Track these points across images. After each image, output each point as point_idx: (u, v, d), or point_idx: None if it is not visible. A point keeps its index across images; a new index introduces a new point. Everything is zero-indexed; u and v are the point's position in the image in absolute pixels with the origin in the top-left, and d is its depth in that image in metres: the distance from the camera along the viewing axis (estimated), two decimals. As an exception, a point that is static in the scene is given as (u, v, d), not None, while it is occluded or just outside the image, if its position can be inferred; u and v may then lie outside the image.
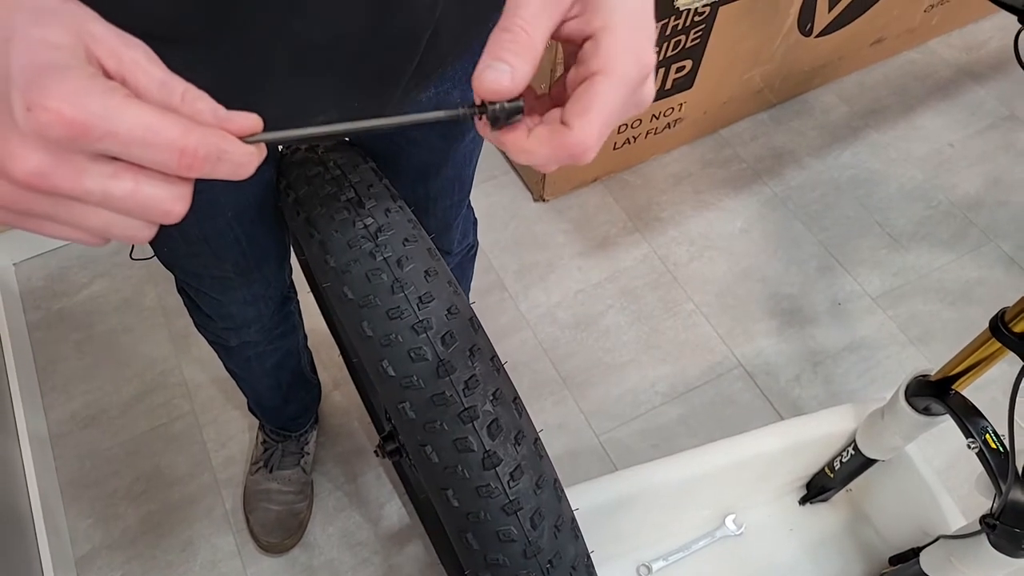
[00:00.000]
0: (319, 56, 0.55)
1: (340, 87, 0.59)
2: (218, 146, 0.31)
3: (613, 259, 1.66)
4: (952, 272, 1.64)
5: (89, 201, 0.31)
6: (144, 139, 0.29)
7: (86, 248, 1.64)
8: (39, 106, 0.28)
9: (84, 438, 1.42)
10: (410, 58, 0.59)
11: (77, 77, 0.29)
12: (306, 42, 0.54)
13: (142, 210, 0.31)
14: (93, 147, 0.29)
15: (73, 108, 0.28)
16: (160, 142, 0.30)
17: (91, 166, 0.30)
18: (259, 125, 0.34)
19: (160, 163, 0.30)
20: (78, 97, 0.28)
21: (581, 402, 1.47)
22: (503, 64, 0.34)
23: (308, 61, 0.55)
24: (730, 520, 1.26)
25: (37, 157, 0.29)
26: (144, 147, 0.30)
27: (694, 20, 1.44)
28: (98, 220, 0.31)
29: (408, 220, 0.69)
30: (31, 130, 0.28)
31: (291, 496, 1.31)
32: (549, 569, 0.62)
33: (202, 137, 0.30)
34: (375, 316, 0.63)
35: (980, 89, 1.95)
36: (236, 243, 0.78)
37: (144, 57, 0.32)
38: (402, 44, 0.59)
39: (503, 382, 0.64)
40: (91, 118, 0.28)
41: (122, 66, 0.31)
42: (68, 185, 0.30)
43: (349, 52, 0.56)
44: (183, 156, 0.30)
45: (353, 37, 0.55)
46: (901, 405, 1.00)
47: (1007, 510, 0.84)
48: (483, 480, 0.60)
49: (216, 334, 0.96)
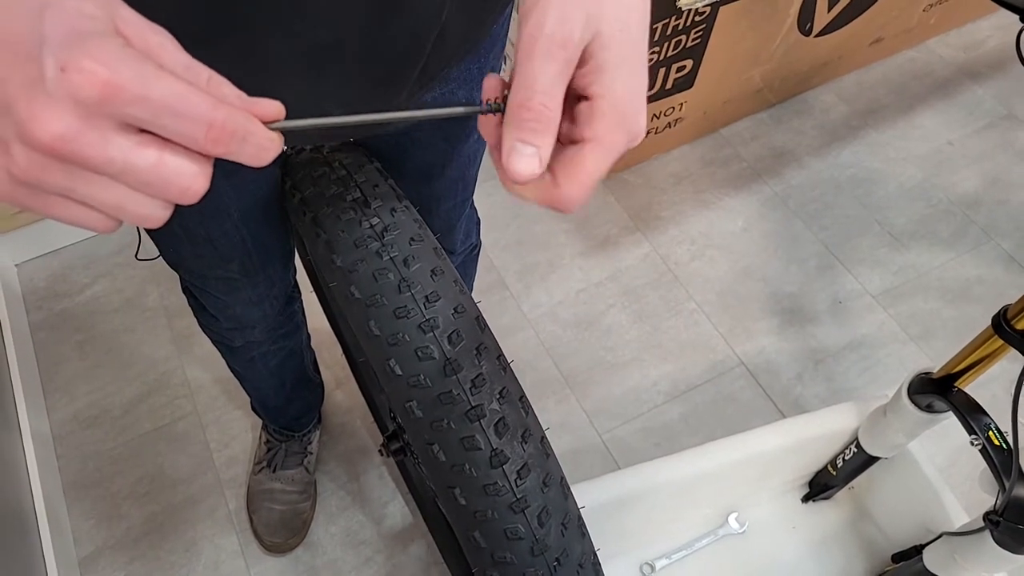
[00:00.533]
0: (322, 57, 0.56)
1: (344, 88, 0.60)
2: (244, 126, 0.31)
3: (614, 258, 1.66)
4: (952, 270, 1.65)
5: (109, 172, 0.30)
6: (175, 108, 0.29)
7: (88, 248, 1.64)
8: (74, 67, 0.28)
9: (87, 438, 1.42)
10: (415, 60, 0.59)
11: (113, 43, 0.29)
12: (308, 43, 0.54)
13: (163, 184, 0.31)
14: (123, 112, 0.29)
15: (108, 70, 0.28)
16: (191, 112, 0.29)
17: (116, 134, 0.29)
18: (282, 112, 0.34)
19: (187, 134, 0.30)
20: (113, 61, 0.28)
21: (583, 401, 1.47)
22: (530, 147, 0.34)
23: (311, 62, 0.56)
24: (733, 518, 1.26)
25: (64, 120, 0.28)
26: (174, 116, 0.29)
27: (694, 20, 1.44)
28: (114, 196, 0.31)
29: (414, 220, 0.69)
30: (63, 91, 0.28)
31: (294, 496, 1.31)
32: (556, 567, 0.62)
33: (231, 114, 0.31)
34: (382, 315, 0.63)
35: (978, 88, 1.96)
36: (241, 243, 0.78)
37: (170, 42, 0.32)
38: (407, 46, 0.59)
39: (509, 380, 0.64)
40: (126, 81, 0.28)
41: (149, 48, 0.31)
42: (92, 152, 0.29)
43: (352, 53, 0.57)
44: (211, 129, 0.30)
45: (356, 38, 0.55)
46: (904, 403, 1.00)
47: (1011, 506, 0.85)
48: (490, 478, 0.60)
49: (221, 334, 0.96)
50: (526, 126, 0.34)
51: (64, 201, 0.31)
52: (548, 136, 0.34)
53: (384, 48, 0.58)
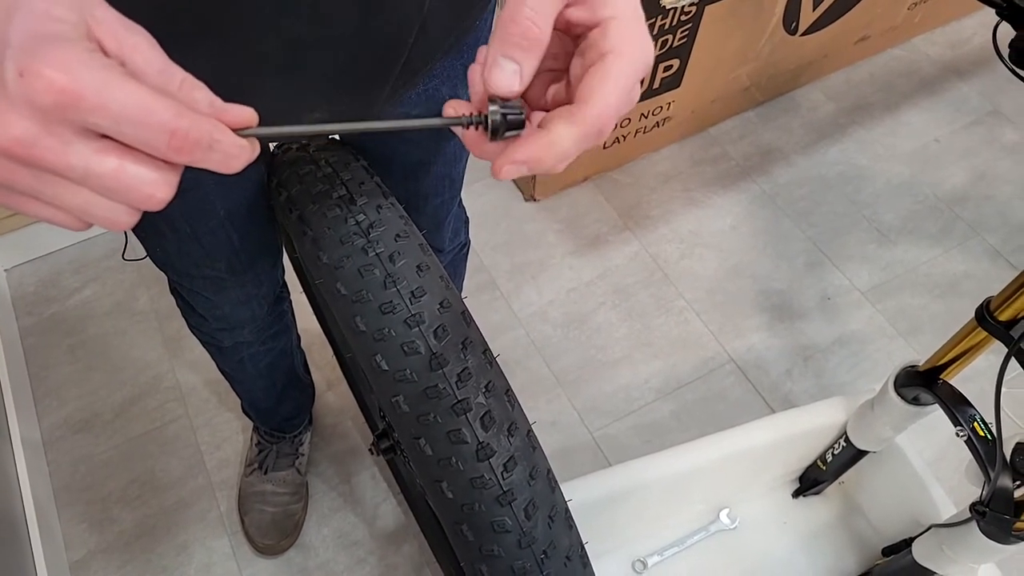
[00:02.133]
0: (307, 54, 0.56)
1: (328, 84, 0.60)
2: (210, 134, 0.31)
3: (604, 257, 1.67)
4: (939, 265, 1.66)
5: (70, 177, 0.30)
6: (136, 117, 0.29)
7: (78, 252, 1.64)
8: (32, 72, 0.28)
9: (78, 443, 1.42)
10: (397, 55, 0.60)
11: (75, 49, 0.29)
12: (294, 40, 0.54)
13: (125, 191, 0.31)
14: (82, 119, 0.29)
15: (67, 77, 0.28)
16: (152, 121, 0.29)
17: (77, 140, 0.29)
18: (254, 119, 0.34)
19: (149, 143, 0.30)
20: (73, 67, 0.28)
21: (574, 399, 1.48)
22: (511, 63, 0.34)
23: (296, 59, 0.56)
24: (724, 514, 1.27)
25: (23, 125, 0.28)
26: (135, 125, 0.29)
27: (680, 19, 1.45)
28: (79, 200, 0.31)
29: (400, 216, 0.70)
30: (21, 96, 0.28)
31: (286, 497, 1.31)
32: (543, 559, 0.62)
33: (195, 122, 0.30)
34: (368, 311, 0.64)
35: (964, 85, 1.98)
36: (228, 242, 0.78)
37: (145, 43, 0.32)
38: (389, 41, 0.59)
39: (495, 375, 0.64)
40: (84, 88, 0.28)
41: (122, 49, 0.31)
42: (51, 157, 0.29)
43: (337, 50, 0.57)
44: (173, 138, 0.30)
45: (341, 34, 0.56)
46: (891, 396, 1.01)
47: (996, 497, 0.85)
48: (477, 472, 0.60)
49: (210, 335, 0.96)
50: (511, 40, 0.33)
51: (34, 201, 0.31)
52: (533, 54, 0.34)
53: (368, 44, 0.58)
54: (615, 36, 0.35)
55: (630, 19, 0.36)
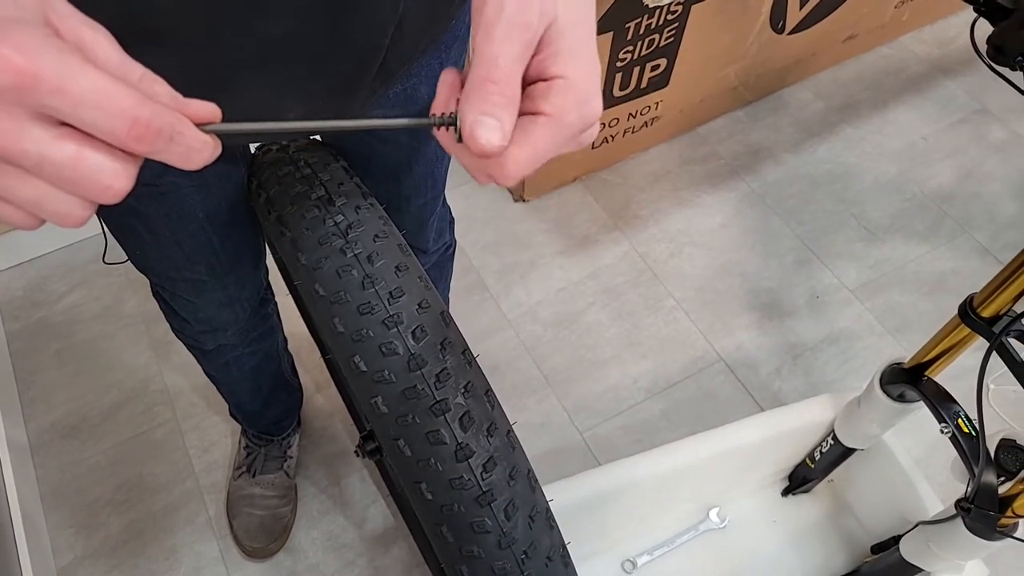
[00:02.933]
0: (282, 54, 0.56)
1: (305, 85, 0.60)
2: (172, 125, 0.30)
3: (594, 257, 1.67)
4: (927, 263, 1.66)
5: (25, 164, 0.29)
6: (96, 101, 0.28)
7: (65, 257, 1.63)
8: None
9: (65, 447, 1.41)
10: (375, 55, 0.60)
11: (35, 31, 0.28)
12: (268, 40, 0.54)
13: (81, 181, 0.30)
14: (40, 103, 0.28)
15: (25, 57, 0.27)
16: (112, 107, 0.28)
17: (33, 125, 0.28)
18: (217, 114, 0.33)
19: (109, 130, 0.29)
20: (32, 48, 0.27)
21: (564, 400, 1.47)
22: (493, 120, 0.34)
23: (271, 59, 0.56)
24: (714, 513, 1.27)
25: None
26: (94, 110, 0.28)
27: (667, 19, 1.45)
28: (31, 191, 0.30)
29: (379, 217, 0.70)
30: None
31: (274, 500, 1.30)
32: (524, 560, 0.62)
33: (157, 112, 0.30)
34: (346, 312, 0.63)
35: (951, 83, 1.98)
36: (209, 245, 0.78)
37: (104, 39, 0.31)
38: (366, 41, 0.59)
39: (475, 375, 0.64)
40: (43, 70, 0.27)
41: (82, 43, 0.30)
42: (5, 141, 0.28)
43: (312, 50, 0.57)
44: (135, 125, 0.29)
45: (316, 35, 0.55)
46: (876, 393, 1.01)
47: (980, 492, 0.86)
48: (456, 472, 0.60)
49: (193, 338, 0.96)
50: (491, 99, 0.33)
51: None
52: (510, 112, 0.34)
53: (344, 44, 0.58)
54: (557, 98, 0.36)
55: (580, 80, 0.36)
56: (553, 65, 0.36)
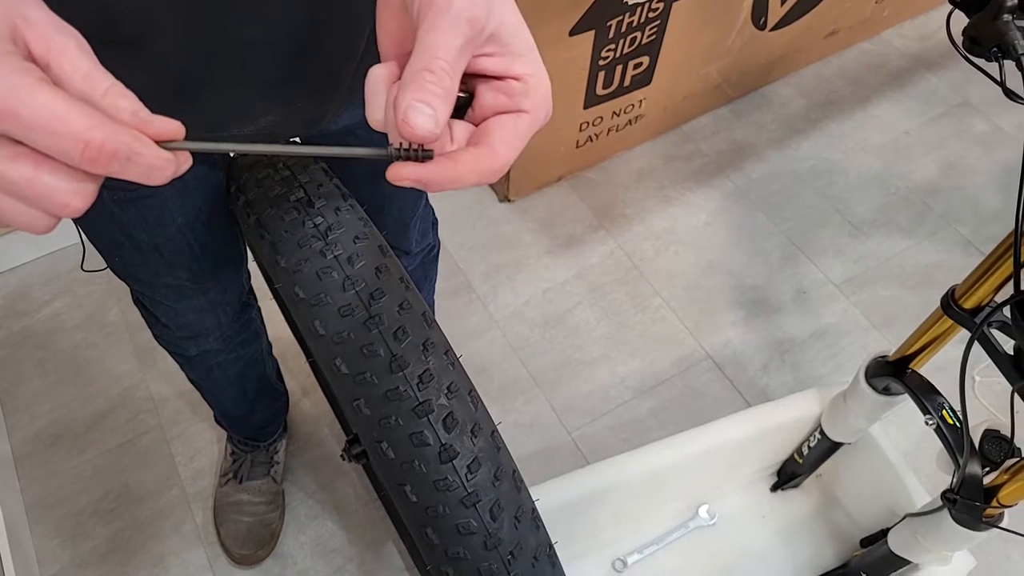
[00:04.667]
0: (258, 56, 0.55)
1: (282, 87, 0.59)
2: (129, 145, 0.30)
3: (580, 257, 1.67)
4: (912, 257, 1.67)
5: None
6: (47, 125, 0.28)
7: (47, 266, 1.62)
8: None
9: (50, 457, 1.40)
10: (351, 55, 0.59)
11: None
12: (245, 42, 0.53)
13: (38, 199, 0.30)
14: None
15: None
16: (64, 131, 0.29)
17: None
18: (180, 132, 0.33)
19: (62, 153, 0.29)
20: None
21: (552, 400, 1.47)
22: (428, 108, 0.33)
23: (247, 61, 0.55)
24: (703, 510, 1.27)
25: None
26: (46, 134, 0.29)
27: (648, 16, 1.45)
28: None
29: (359, 218, 0.69)
30: None
31: (262, 507, 1.29)
32: (510, 560, 0.62)
33: (111, 133, 0.30)
34: (327, 314, 0.63)
35: (933, 77, 1.99)
36: (189, 250, 0.77)
37: (74, 46, 0.31)
38: (342, 43, 0.59)
39: (458, 375, 0.64)
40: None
41: (49, 52, 0.30)
42: None
43: (288, 52, 0.56)
44: (87, 149, 0.29)
45: (291, 36, 0.55)
46: (862, 386, 1.01)
47: (965, 483, 0.86)
48: (440, 474, 0.60)
49: (175, 344, 0.95)
50: (427, 87, 0.33)
51: None
52: (446, 103, 0.34)
53: (320, 45, 0.57)
54: (536, 96, 0.37)
55: (544, 81, 0.38)
56: (517, 64, 0.37)
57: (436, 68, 0.34)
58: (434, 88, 0.33)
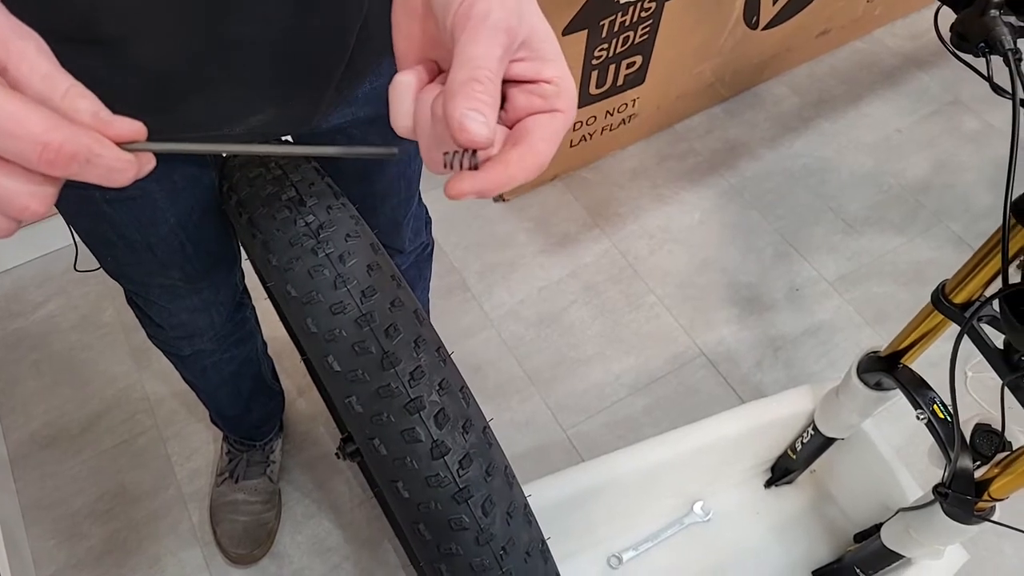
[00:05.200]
0: (246, 56, 0.55)
1: (272, 86, 0.60)
2: (88, 147, 0.30)
3: (574, 255, 1.67)
4: (904, 254, 1.68)
5: None
6: (4, 128, 0.28)
7: (42, 267, 1.62)
8: None
9: (45, 459, 1.40)
10: (341, 54, 0.60)
11: None
12: (234, 42, 0.54)
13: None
14: None
15: None
16: (21, 133, 0.29)
17: None
18: (141, 133, 0.33)
19: (20, 155, 0.29)
20: None
21: (547, 398, 1.48)
22: (480, 115, 0.34)
23: (235, 61, 0.55)
24: (698, 507, 1.27)
25: None
26: (3, 137, 0.28)
27: (641, 16, 1.46)
28: None
29: (351, 216, 0.69)
30: None
31: (258, 506, 1.30)
32: (503, 556, 0.62)
33: (70, 135, 0.29)
34: (318, 312, 0.63)
35: (925, 76, 2.00)
36: (181, 249, 0.77)
37: (34, 49, 0.31)
38: (331, 40, 0.59)
39: (449, 372, 0.64)
40: None
41: (8, 55, 0.30)
42: None
43: (277, 51, 0.56)
44: (45, 151, 0.29)
45: (280, 35, 0.55)
46: (854, 382, 1.01)
47: (956, 477, 0.86)
48: (432, 470, 0.60)
49: (168, 344, 0.95)
50: (476, 96, 0.34)
51: None
52: (494, 110, 0.35)
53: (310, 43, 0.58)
54: (569, 97, 0.38)
55: (571, 79, 0.39)
56: (547, 69, 0.38)
57: (483, 78, 0.34)
58: (483, 97, 0.34)
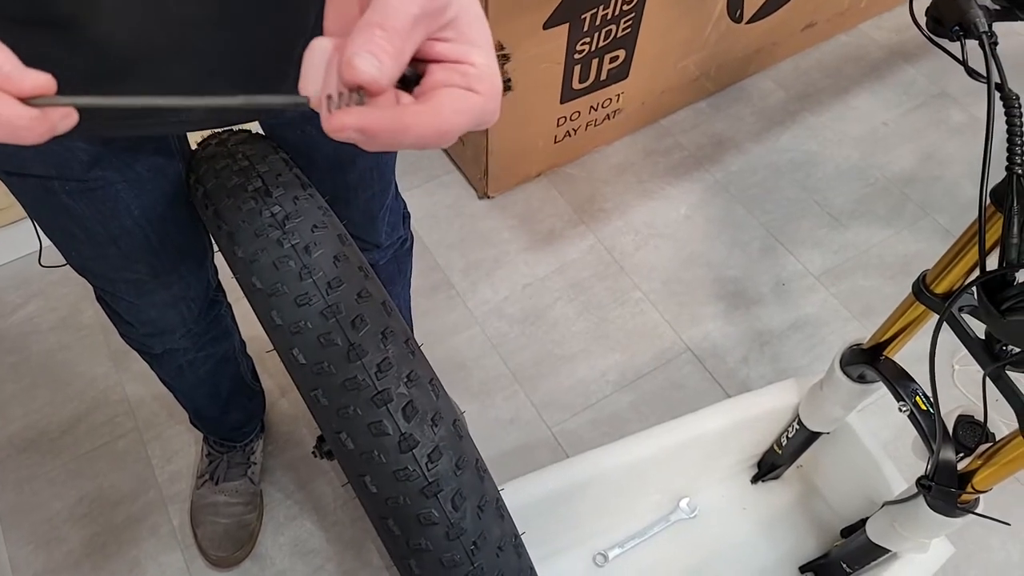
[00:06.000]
0: (201, 38, 0.54)
1: (228, 68, 0.58)
2: None
3: (559, 252, 1.66)
4: (891, 247, 1.67)
5: None
6: None
7: (19, 268, 1.60)
8: None
9: (23, 462, 1.38)
10: (299, 36, 0.58)
11: None
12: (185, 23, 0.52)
13: None
14: None
15: None
16: None
17: None
18: (49, 87, 0.32)
19: None
20: None
21: (532, 395, 1.46)
22: (375, 59, 0.32)
23: (189, 40, 0.54)
24: (684, 503, 1.26)
25: None
26: None
27: (623, 9, 1.45)
28: None
29: (318, 207, 0.68)
30: None
31: (239, 508, 1.28)
32: (474, 550, 0.61)
33: None
34: (284, 304, 0.62)
35: (911, 68, 2.00)
36: (147, 243, 0.75)
37: None
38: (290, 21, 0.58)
39: (418, 364, 0.63)
40: None
41: None
42: None
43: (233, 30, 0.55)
44: None
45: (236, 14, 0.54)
46: (837, 375, 1.00)
47: (939, 469, 0.85)
48: (400, 464, 0.59)
49: (140, 341, 0.93)
50: (375, 40, 0.32)
51: None
52: (394, 61, 0.33)
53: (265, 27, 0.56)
54: (489, 83, 0.37)
55: (498, 77, 0.38)
56: (473, 54, 0.37)
57: (387, 26, 0.32)
58: (382, 43, 0.32)
